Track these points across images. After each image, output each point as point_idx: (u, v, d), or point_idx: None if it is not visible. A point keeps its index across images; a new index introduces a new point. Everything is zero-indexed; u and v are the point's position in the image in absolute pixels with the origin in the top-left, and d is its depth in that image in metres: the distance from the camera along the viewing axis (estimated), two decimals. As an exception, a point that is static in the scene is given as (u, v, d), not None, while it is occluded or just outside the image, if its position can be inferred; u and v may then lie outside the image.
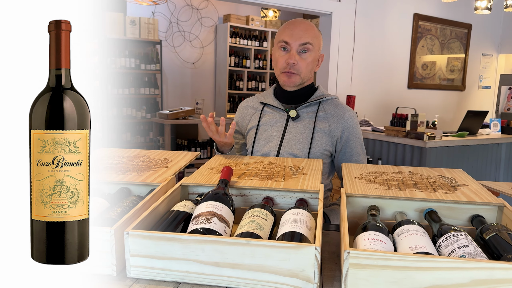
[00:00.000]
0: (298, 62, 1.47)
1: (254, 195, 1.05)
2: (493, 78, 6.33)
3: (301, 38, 1.46)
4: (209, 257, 0.74)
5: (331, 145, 1.52)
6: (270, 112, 1.59)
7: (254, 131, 1.59)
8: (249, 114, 1.64)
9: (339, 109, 1.55)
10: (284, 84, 1.53)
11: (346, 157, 1.54)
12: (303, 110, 1.55)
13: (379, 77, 5.08)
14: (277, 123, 1.56)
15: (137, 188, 1.09)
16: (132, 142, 6.25)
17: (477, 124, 4.25)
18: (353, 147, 1.54)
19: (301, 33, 1.46)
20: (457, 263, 0.67)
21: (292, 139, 1.52)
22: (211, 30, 6.74)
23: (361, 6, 4.74)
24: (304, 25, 1.49)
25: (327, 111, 1.54)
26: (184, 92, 6.63)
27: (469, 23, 5.76)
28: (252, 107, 1.65)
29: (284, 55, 1.48)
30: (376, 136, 4.18)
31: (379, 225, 0.83)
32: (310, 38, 1.47)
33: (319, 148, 1.50)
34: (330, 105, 1.56)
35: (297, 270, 0.72)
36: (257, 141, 1.57)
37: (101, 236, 0.77)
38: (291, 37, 1.46)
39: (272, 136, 1.55)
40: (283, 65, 1.48)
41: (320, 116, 1.53)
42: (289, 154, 1.50)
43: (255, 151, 1.57)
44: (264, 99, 1.62)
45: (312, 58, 1.50)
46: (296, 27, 1.47)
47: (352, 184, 1.07)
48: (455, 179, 1.15)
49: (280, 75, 1.51)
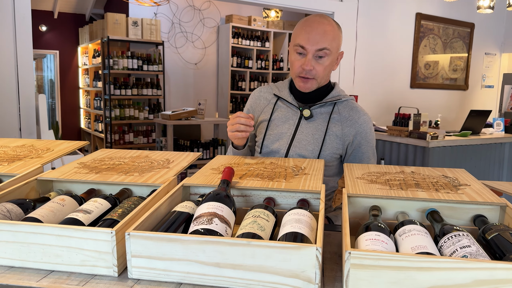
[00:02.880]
0: (314, 67, 1.41)
1: (255, 195, 1.05)
2: (496, 77, 6.31)
3: (318, 43, 1.38)
4: (210, 257, 0.74)
5: (342, 149, 1.49)
6: (283, 107, 1.55)
7: (265, 125, 1.55)
8: (261, 105, 1.59)
9: (354, 113, 1.51)
10: (300, 89, 1.48)
11: (356, 161, 1.50)
12: (317, 110, 1.51)
13: (382, 77, 5.07)
14: (289, 120, 1.52)
15: (138, 189, 1.10)
16: (134, 143, 6.27)
17: (480, 123, 4.24)
18: (364, 152, 1.51)
19: (318, 37, 1.38)
20: (459, 263, 0.67)
21: (303, 139, 1.49)
22: (213, 31, 6.74)
23: (363, 5, 4.73)
24: (322, 27, 1.39)
25: (342, 114, 1.50)
26: (186, 93, 6.64)
27: (472, 22, 5.75)
28: (266, 98, 1.60)
29: (300, 59, 1.42)
30: (379, 136, 4.17)
31: (380, 225, 0.83)
32: (327, 42, 1.39)
33: (329, 151, 1.47)
34: (346, 107, 1.52)
35: (298, 271, 0.72)
36: (268, 137, 1.53)
37: (102, 237, 0.77)
38: (308, 42, 1.38)
39: (283, 133, 1.51)
40: (299, 69, 1.42)
41: (334, 118, 1.49)
42: (298, 155, 1.47)
43: (264, 146, 1.53)
44: (279, 92, 1.56)
45: (330, 61, 1.43)
46: (314, 29, 1.38)
47: (354, 184, 1.07)
48: (457, 179, 1.15)
49: (296, 79, 1.46)
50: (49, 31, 7.39)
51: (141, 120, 6.26)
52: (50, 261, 0.80)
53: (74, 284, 0.76)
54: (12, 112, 3.04)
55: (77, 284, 0.76)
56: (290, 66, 1.48)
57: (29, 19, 3.05)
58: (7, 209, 0.89)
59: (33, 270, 0.80)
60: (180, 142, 5.42)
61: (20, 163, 1.22)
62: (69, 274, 0.79)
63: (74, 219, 0.87)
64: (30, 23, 3.06)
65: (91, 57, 6.83)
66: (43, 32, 7.32)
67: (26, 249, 0.80)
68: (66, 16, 7.52)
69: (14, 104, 3.04)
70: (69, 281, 0.77)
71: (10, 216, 0.89)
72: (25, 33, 3.04)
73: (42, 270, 0.80)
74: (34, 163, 1.21)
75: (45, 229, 0.79)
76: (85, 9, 7.56)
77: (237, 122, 1.38)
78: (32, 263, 0.81)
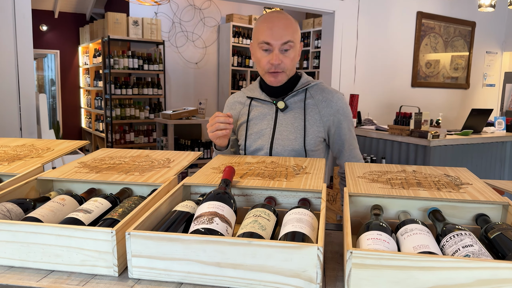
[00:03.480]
0: (282, 60, 1.44)
1: (256, 195, 1.05)
2: (498, 76, 6.29)
3: (282, 37, 1.41)
4: (210, 257, 0.74)
5: (323, 131, 1.53)
6: (259, 106, 1.59)
7: (244, 127, 1.59)
8: (237, 109, 1.63)
9: (326, 93, 1.55)
10: (271, 84, 1.51)
11: (340, 138, 1.55)
12: (290, 100, 1.55)
13: (383, 75, 5.06)
14: (266, 116, 1.56)
15: (139, 188, 1.09)
16: (135, 142, 6.27)
17: (481, 122, 4.23)
18: (345, 127, 1.55)
19: (281, 31, 1.41)
20: (461, 262, 0.66)
21: (283, 130, 1.52)
22: (213, 30, 6.74)
23: (364, 4, 4.72)
24: (283, 21, 1.43)
25: (315, 97, 1.54)
26: (187, 92, 6.64)
27: (473, 20, 5.73)
28: (240, 102, 1.64)
29: (266, 55, 1.45)
30: (380, 135, 4.16)
31: (382, 225, 0.82)
32: (290, 35, 1.43)
33: (312, 136, 1.51)
34: (317, 90, 1.56)
35: (299, 270, 0.71)
36: (249, 136, 1.57)
37: (102, 237, 0.77)
38: (272, 37, 1.41)
39: (263, 130, 1.55)
40: (268, 65, 1.46)
41: (309, 103, 1.53)
42: (282, 147, 1.50)
43: (248, 146, 1.57)
44: (251, 93, 1.60)
45: (295, 53, 1.47)
46: (275, 25, 1.42)
47: (355, 183, 1.07)
48: (459, 178, 1.14)
49: (266, 75, 1.50)
50: (50, 30, 7.39)
51: (141, 119, 6.26)
52: (50, 261, 0.80)
53: (74, 284, 0.75)
54: (13, 111, 3.04)
55: (77, 284, 0.75)
56: (257, 64, 1.51)
57: (29, 18, 3.05)
58: (7, 209, 0.89)
59: (33, 270, 0.80)
60: (180, 142, 5.42)
61: (20, 162, 1.22)
62: (69, 274, 0.79)
63: (74, 218, 0.87)
64: (31, 23, 3.06)
65: (92, 56, 6.83)
66: (43, 31, 7.32)
67: (26, 249, 0.80)
68: (67, 15, 7.52)
69: (14, 103, 3.04)
70: (69, 281, 0.76)
71: (10, 215, 0.88)
72: (25, 33, 3.04)
73: (42, 270, 0.80)
74: (34, 163, 1.21)
75: (45, 228, 0.78)
76: (85, 8, 7.56)
77: (216, 122, 1.41)
78: (32, 263, 0.80)
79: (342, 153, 1.57)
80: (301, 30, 7.33)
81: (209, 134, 1.46)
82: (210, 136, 1.46)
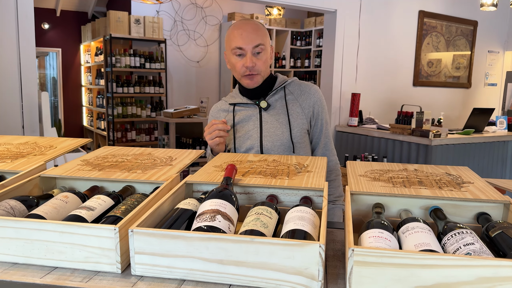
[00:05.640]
0: (256, 63, 1.51)
1: (258, 193, 1.05)
2: (500, 75, 6.28)
3: (253, 41, 1.49)
4: (213, 254, 0.74)
5: (307, 123, 1.61)
6: (242, 110, 1.64)
7: (232, 132, 1.64)
8: (222, 117, 1.68)
9: (303, 87, 1.64)
10: (248, 86, 1.58)
11: (320, 128, 1.63)
12: (272, 99, 1.62)
13: (384, 74, 5.06)
14: (251, 117, 1.61)
15: (141, 186, 1.10)
16: (137, 141, 6.28)
17: (483, 121, 4.22)
18: (324, 117, 1.64)
19: (252, 35, 1.49)
20: (463, 260, 0.67)
21: (270, 127, 1.58)
22: (215, 29, 6.74)
23: (366, 3, 4.71)
24: (252, 26, 1.51)
25: (294, 93, 1.63)
26: (189, 90, 6.64)
27: (475, 20, 5.72)
28: (223, 110, 1.68)
29: (240, 60, 1.52)
30: (381, 134, 4.16)
31: (383, 223, 0.83)
32: (261, 38, 1.50)
33: (298, 129, 1.58)
34: (294, 86, 1.64)
35: (301, 268, 0.72)
36: (238, 139, 1.61)
37: (105, 234, 0.77)
38: (244, 42, 1.49)
39: (251, 130, 1.60)
40: (242, 69, 1.52)
41: (290, 99, 1.62)
42: (272, 143, 1.56)
43: (237, 148, 1.61)
44: (233, 100, 1.67)
45: (266, 55, 1.55)
46: (245, 30, 1.50)
47: (357, 182, 1.07)
48: (461, 177, 1.14)
49: (242, 79, 1.57)
50: (52, 29, 7.40)
51: (143, 118, 6.27)
52: (53, 258, 0.80)
53: (77, 281, 0.76)
54: (15, 109, 3.05)
55: (81, 281, 0.76)
56: (233, 70, 1.58)
57: (31, 17, 3.06)
58: (11, 206, 0.90)
59: (36, 266, 0.81)
60: (182, 140, 5.42)
61: (23, 160, 1.23)
62: (73, 270, 0.80)
63: (78, 216, 0.88)
64: (33, 21, 3.07)
65: (94, 55, 6.84)
66: (45, 30, 7.33)
67: (29, 246, 0.80)
68: (69, 14, 7.53)
69: (17, 102, 3.05)
70: (73, 278, 0.77)
71: (14, 213, 0.89)
72: (27, 31, 3.04)
73: (45, 266, 0.81)
74: (37, 160, 1.22)
75: (48, 225, 0.79)
76: (87, 7, 7.57)
77: (216, 129, 1.49)
78: (36, 259, 0.81)
79: (318, 145, 1.65)
80: (303, 29, 7.33)
81: (208, 142, 1.52)
82: (210, 144, 1.52)
